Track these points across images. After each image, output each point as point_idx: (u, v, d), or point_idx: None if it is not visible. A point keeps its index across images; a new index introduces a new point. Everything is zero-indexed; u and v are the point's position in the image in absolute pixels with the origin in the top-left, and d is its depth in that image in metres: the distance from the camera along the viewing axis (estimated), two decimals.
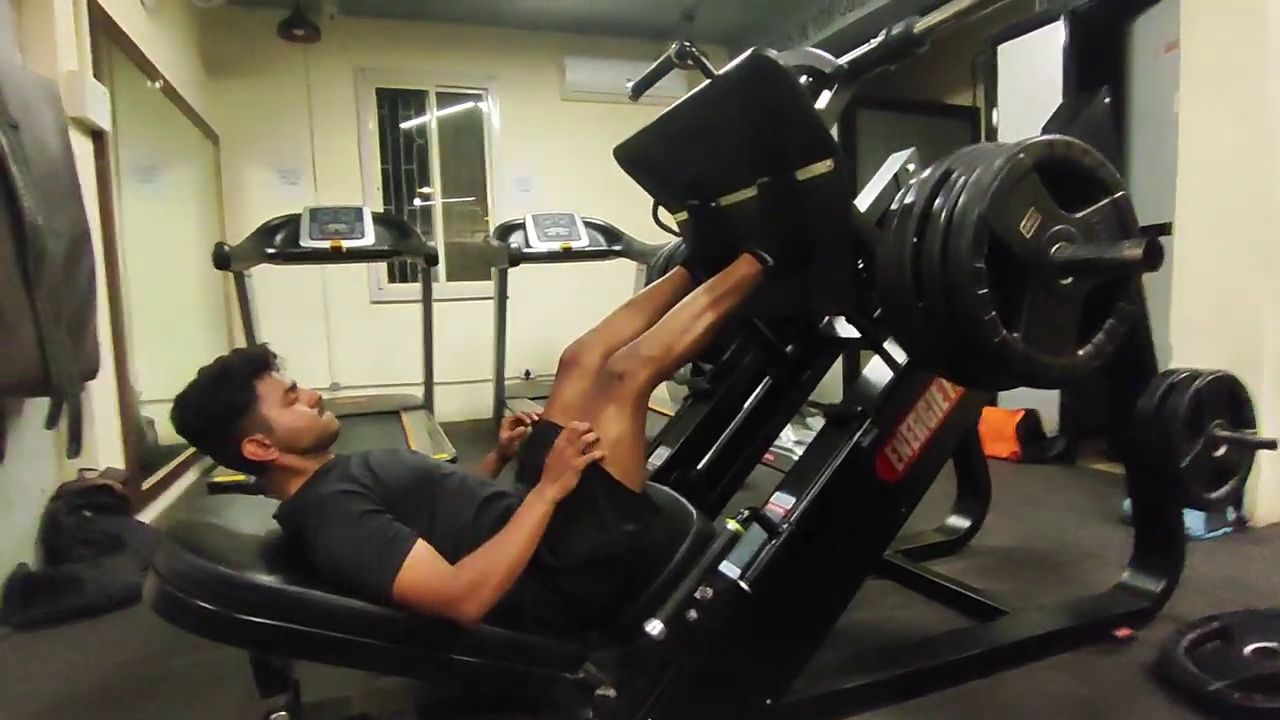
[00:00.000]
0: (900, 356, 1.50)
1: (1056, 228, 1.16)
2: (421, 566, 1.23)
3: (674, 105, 1.65)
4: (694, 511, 1.56)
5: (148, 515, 2.85)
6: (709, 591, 1.35)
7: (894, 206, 1.26)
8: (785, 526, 1.36)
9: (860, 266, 1.48)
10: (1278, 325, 2.42)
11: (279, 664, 1.33)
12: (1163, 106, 3.01)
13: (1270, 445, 1.64)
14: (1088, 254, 1.14)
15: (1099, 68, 3.30)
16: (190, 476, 3.69)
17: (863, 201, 1.70)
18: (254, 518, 1.47)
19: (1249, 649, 1.49)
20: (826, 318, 1.96)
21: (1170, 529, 1.82)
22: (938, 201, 1.16)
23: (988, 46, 3.73)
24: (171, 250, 4.01)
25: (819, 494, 1.38)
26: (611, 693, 1.36)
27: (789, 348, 2.03)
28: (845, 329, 1.90)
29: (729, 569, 1.36)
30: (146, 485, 2.95)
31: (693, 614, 1.33)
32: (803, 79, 1.57)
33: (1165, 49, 3.07)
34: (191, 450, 3.78)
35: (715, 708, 1.37)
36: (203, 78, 4.53)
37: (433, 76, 5.27)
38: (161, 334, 3.55)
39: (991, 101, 3.72)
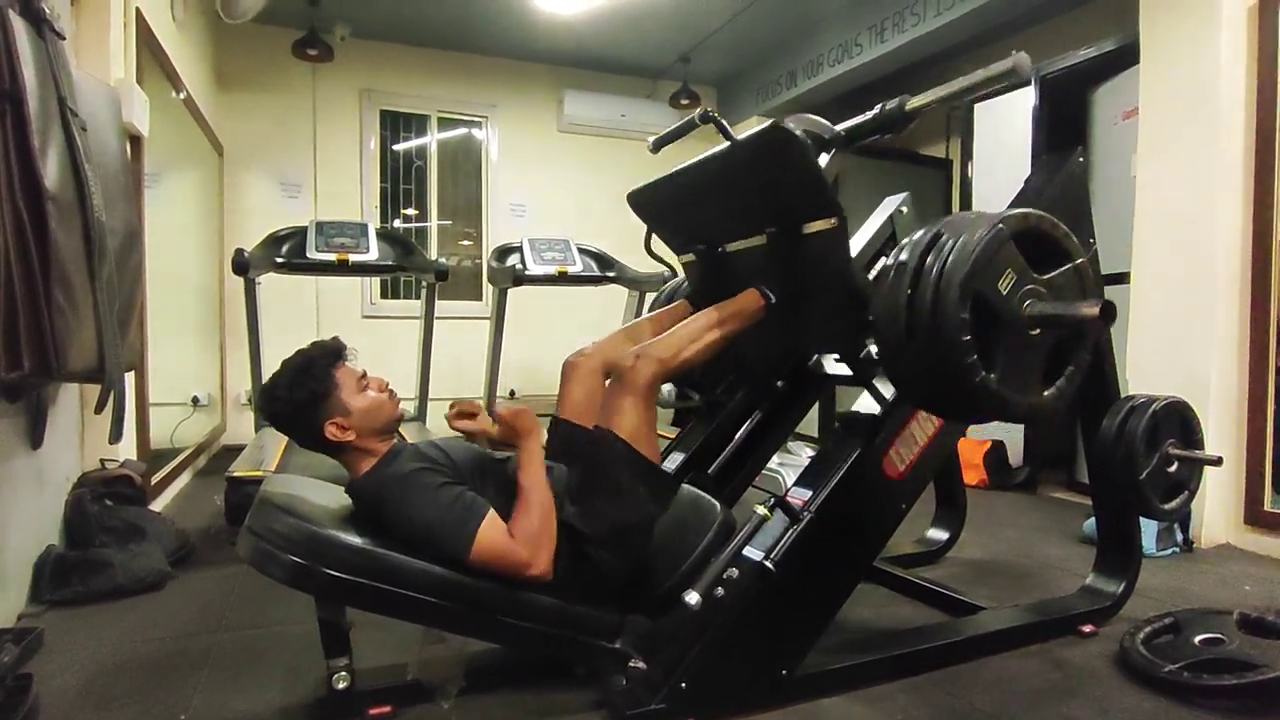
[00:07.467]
0: (888, 392, 1.69)
1: (1028, 286, 1.34)
2: (495, 532, 1.39)
3: (689, 162, 1.84)
4: (717, 504, 1.73)
5: (156, 507, 2.91)
6: (735, 572, 1.52)
7: (889, 262, 1.41)
8: (805, 514, 1.54)
9: (853, 311, 1.66)
10: (1222, 359, 2.70)
11: (346, 628, 1.45)
12: (1120, 167, 3.33)
13: (1216, 462, 1.87)
14: (1054, 310, 1.32)
15: (1064, 130, 3.63)
16: (186, 476, 3.75)
17: (858, 241, 1.89)
18: (319, 494, 1.60)
19: (1197, 639, 1.69)
20: (816, 355, 2.11)
21: (1130, 537, 2.05)
22: (929, 260, 1.32)
23: (965, 104, 4.05)
24: (174, 255, 4.08)
25: (835, 486, 1.57)
26: (642, 665, 1.52)
27: (779, 383, 2.19)
28: (832, 366, 2.07)
29: (753, 552, 1.53)
30: (155, 479, 3.01)
31: (720, 591, 1.51)
32: None
33: (1123, 116, 3.40)
34: (190, 450, 3.85)
35: (738, 676, 1.53)
36: (213, 89, 4.66)
37: (435, 102, 5.46)
38: (160, 338, 3.59)
39: (967, 155, 4.03)
